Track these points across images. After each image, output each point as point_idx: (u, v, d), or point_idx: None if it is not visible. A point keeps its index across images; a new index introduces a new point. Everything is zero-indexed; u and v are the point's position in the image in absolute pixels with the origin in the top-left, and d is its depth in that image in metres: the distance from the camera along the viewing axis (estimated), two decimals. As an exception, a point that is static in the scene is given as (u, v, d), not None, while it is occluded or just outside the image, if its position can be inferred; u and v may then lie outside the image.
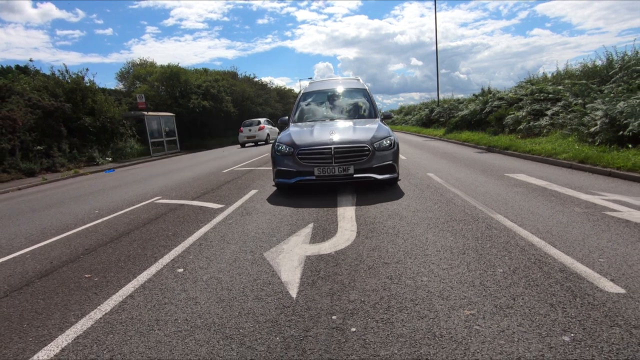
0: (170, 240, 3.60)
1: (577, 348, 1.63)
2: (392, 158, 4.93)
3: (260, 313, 2.10)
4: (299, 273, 2.60)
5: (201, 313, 2.14)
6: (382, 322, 1.93)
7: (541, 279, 2.31)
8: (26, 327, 2.15)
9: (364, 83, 7.08)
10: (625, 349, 1.61)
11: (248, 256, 3.01)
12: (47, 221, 4.98)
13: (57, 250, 3.62)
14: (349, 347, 1.75)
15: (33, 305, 2.43)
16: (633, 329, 1.75)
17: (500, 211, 3.88)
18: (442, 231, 3.34)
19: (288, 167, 4.92)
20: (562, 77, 12.82)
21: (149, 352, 1.80)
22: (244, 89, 32.99)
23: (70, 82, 15.92)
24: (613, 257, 2.59)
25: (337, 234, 3.42)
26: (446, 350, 1.67)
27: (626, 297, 2.03)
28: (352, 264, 2.72)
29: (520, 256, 2.69)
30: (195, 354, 1.76)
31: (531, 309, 1.97)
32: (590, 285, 2.20)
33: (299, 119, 6.37)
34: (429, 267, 2.59)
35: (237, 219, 4.20)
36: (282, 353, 1.73)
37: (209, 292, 2.41)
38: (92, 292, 2.56)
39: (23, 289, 2.73)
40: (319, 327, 1.93)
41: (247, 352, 1.75)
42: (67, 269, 3.05)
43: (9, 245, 3.92)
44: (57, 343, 1.95)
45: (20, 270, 3.12)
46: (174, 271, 2.80)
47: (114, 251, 3.41)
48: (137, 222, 4.46)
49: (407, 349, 1.70)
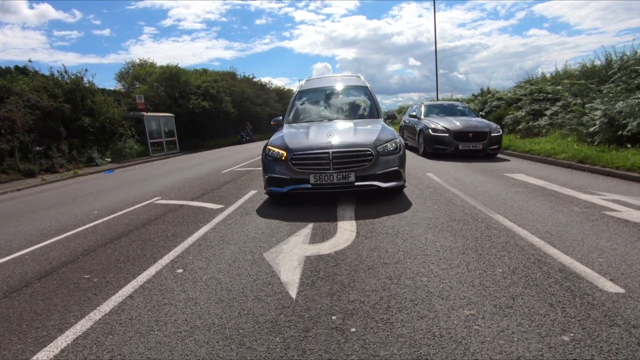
0: (170, 240, 3.60)
1: (576, 348, 1.64)
2: (399, 163, 4.41)
3: (260, 313, 2.10)
4: (299, 273, 2.60)
5: (201, 313, 2.14)
6: (381, 323, 1.93)
7: (540, 278, 2.31)
8: (25, 328, 2.15)
9: (365, 80, 6.55)
10: (624, 348, 1.61)
11: (247, 256, 3.01)
12: (47, 222, 4.97)
13: (57, 251, 3.61)
14: (348, 347, 1.75)
15: (32, 306, 2.43)
16: (632, 328, 1.75)
17: (500, 211, 3.89)
18: (441, 231, 3.35)
19: (280, 174, 4.37)
20: (561, 77, 12.82)
21: (149, 352, 1.80)
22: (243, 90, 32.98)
23: (69, 83, 15.89)
24: (612, 256, 2.59)
25: (336, 234, 3.42)
26: (446, 350, 1.67)
27: (625, 297, 2.04)
28: (352, 264, 2.72)
29: (520, 256, 2.69)
30: (195, 355, 1.76)
31: (531, 308, 1.97)
32: (589, 284, 2.20)
33: (294, 119, 5.80)
34: (428, 267, 2.59)
35: (236, 220, 4.20)
36: (282, 353, 1.73)
37: (209, 292, 2.41)
38: (91, 292, 2.55)
39: (22, 289, 2.72)
40: (318, 327, 1.93)
41: (247, 352, 1.75)
42: (66, 270, 3.04)
43: (8, 246, 3.91)
44: (56, 344, 1.94)
45: (19, 271, 3.12)
46: (173, 272, 2.80)
47: (113, 252, 3.41)
48: (137, 222, 4.45)
49: (407, 349, 1.70)
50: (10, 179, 11.25)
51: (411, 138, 10.74)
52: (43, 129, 13.60)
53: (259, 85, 39.70)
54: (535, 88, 12.46)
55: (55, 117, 14.09)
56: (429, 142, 9.06)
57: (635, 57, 9.53)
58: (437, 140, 8.90)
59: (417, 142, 9.88)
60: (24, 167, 12.02)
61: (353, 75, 7.18)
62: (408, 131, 11.32)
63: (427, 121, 9.51)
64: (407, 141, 11.02)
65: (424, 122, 9.53)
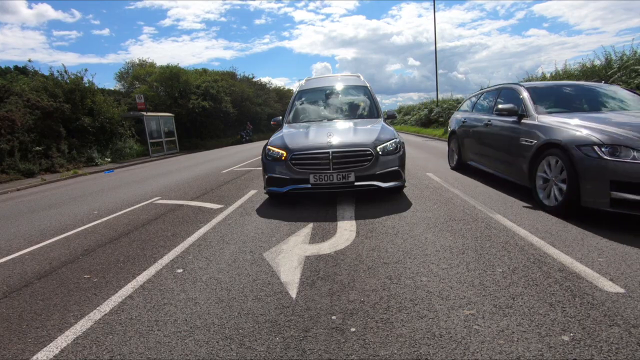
0: (170, 240, 3.60)
1: (576, 347, 1.64)
2: (398, 163, 4.43)
3: (260, 313, 2.10)
4: (299, 273, 2.60)
5: (201, 313, 2.14)
6: (381, 322, 1.93)
7: (540, 278, 2.32)
8: (25, 328, 2.14)
9: (364, 80, 6.56)
10: (624, 348, 1.61)
11: (247, 256, 3.01)
12: (46, 222, 4.97)
13: (56, 251, 3.61)
14: (348, 347, 1.75)
15: (32, 306, 2.42)
16: (632, 328, 1.75)
17: (499, 211, 3.89)
18: (441, 231, 3.35)
19: (280, 174, 4.40)
20: (560, 77, 12.83)
21: (149, 352, 1.80)
22: (243, 90, 32.99)
23: (69, 83, 15.89)
24: (612, 256, 2.59)
25: (336, 234, 3.42)
26: (446, 350, 1.67)
27: (625, 297, 2.04)
28: (352, 264, 2.72)
29: (520, 256, 2.69)
30: (194, 355, 1.76)
31: (530, 308, 1.98)
32: (589, 284, 2.20)
33: (294, 119, 5.83)
34: (428, 267, 2.59)
35: (236, 219, 4.20)
36: (281, 353, 1.73)
37: (209, 292, 2.41)
38: (91, 292, 2.55)
39: (22, 289, 2.72)
40: (318, 327, 1.93)
41: (247, 352, 1.75)
42: (66, 270, 3.04)
43: (7, 246, 3.91)
44: (56, 344, 1.94)
45: (19, 271, 3.12)
46: (173, 272, 2.80)
47: (113, 252, 3.41)
48: (136, 222, 4.45)
49: (407, 348, 1.70)
50: (10, 179, 11.25)
51: (491, 158, 5.32)
52: (43, 129, 13.60)
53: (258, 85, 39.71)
54: (535, 88, 12.42)
55: (55, 117, 14.10)
56: (601, 179, 3.13)
57: (635, 56, 9.55)
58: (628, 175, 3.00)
59: (530, 167, 4.11)
60: (24, 167, 12.02)
61: (353, 75, 7.16)
62: (479, 140, 5.79)
63: (562, 125, 3.77)
64: (475, 162, 5.99)
65: (559, 127, 3.77)
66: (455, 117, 7.35)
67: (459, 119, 6.89)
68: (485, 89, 6.52)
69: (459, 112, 7.34)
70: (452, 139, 7.21)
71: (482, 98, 6.36)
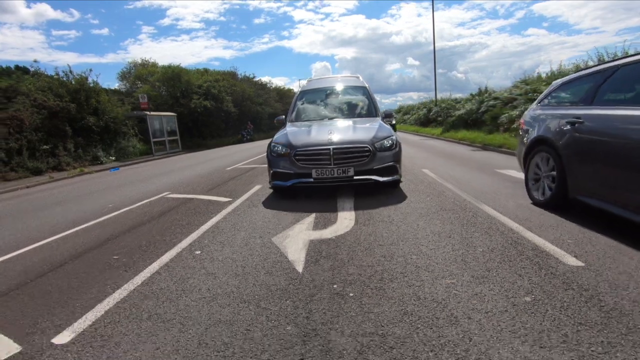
0: (185, 228, 3.94)
1: (535, 305, 1.99)
2: (394, 159, 4.77)
3: (272, 284, 2.45)
4: (304, 253, 2.96)
5: (220, 284, 2.49)
6: (375, 289, 2.28)
7: (514, 256, 2.67)
8: (67, 300, 2.48)
9: (363, 81, 6.86)
10: (574, 305, 1.96)
11: (257, 240, 3.36)
12: (65, 215, 5.32)
13: (82, 238, 3.96)
14: (347, 307, 2.10)
15: (69, 283, 2.77)
16: (584, 291, 2.10)
17: (487, 202, 4.24)
18: (432, 219, 3.69)
19: (284, 169, 4.75)
20: (555, 77, 13.17)
21: (180, 312, 2.15)
22: (244, 89, 33.32)
23: (74, 83, 16.22)
24: (581, 239, 2.94)
25: (337, 222, 3.77)
26: (428, 308, 2.02)
27: (584, 269, 2.39)
28: (351, 246, 3.07)
29: (499, 238, 3.04)
30: (220, 314, 2.11)
31: (502, 278, 2.33)
32: (555, 260, 2.55)
33: (297, 118, 6.16)
34: (418, 248, 2.94)
35: (244, 210, 4.55)
36: (292, 312, 2.08)
37: (226, 268, 2.76)
38: (122, 270, 2.90)
39: (57, 269, 3.07)
40: (322, 293, 2.28)
41: (263, 312, 2.10)
42: (95, 252, 3.39)
43: (35, 235, 4.25)
44: (101, 306, 2.29)
45: (50, 255, 3.46)
46: (192, 253, 3.15)
47: (134, 238, 3.76)
48: (152, 214, 4.80)
49: (396, 307, 2.06)
50: (19, 177, 11.59)
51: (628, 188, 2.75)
52: (49, 128, 13.95)
53: (259, 84, 40.01)
54: (530, 88, 12.82)
55: (61, 117, 14.44)
56: None
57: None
58: None
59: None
60: (32, 166, 12.37)
61: (352, 75, 7.48)
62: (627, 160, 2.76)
63: None
64: (604, 200, 3.07)
65: None
66: (540, 115, 4.12)
67: (557, 118, 3.68)
68: (625, 58, 3.25)
69: (549, 107, 4.09)
70: (537, 154, 3.99)
71: (618, 77, 3.20)
